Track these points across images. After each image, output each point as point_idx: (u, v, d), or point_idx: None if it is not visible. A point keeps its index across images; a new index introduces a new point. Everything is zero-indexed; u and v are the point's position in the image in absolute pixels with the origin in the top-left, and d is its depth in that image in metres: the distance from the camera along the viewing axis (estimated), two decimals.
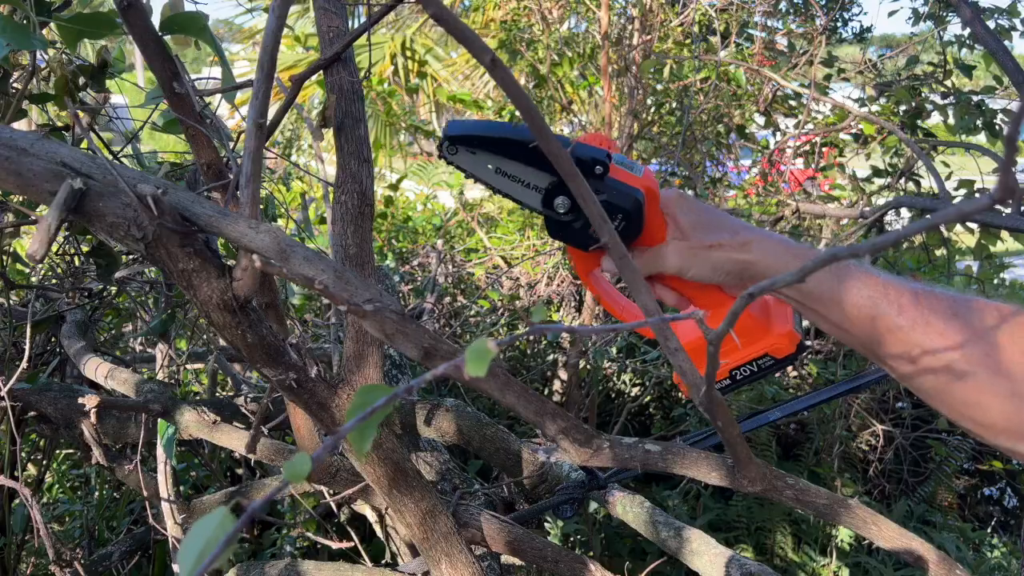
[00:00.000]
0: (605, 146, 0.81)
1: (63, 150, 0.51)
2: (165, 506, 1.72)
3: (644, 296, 0.65)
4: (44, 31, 1.07)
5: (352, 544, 1.81)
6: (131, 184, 0.51)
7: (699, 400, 0.68)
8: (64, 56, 1.13)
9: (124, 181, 0.50)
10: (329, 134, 0.93)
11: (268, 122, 0.78)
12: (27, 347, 1.47)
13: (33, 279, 1.90)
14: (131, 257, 1.55)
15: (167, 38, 0.84)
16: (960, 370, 0.63)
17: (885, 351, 0.67)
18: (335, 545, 1.63)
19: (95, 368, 1.72)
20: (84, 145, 1.12)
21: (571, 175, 0.59)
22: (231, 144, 1.05)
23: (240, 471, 2.91)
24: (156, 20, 0.90)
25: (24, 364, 1.47)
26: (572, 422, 0.71)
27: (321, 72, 0.95)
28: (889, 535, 1.08)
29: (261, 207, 0.65)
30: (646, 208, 0.79)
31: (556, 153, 0.58)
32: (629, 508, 1.45)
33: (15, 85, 1.42)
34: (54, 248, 2.06)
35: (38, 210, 1.52)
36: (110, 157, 1.36)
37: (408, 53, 6.64)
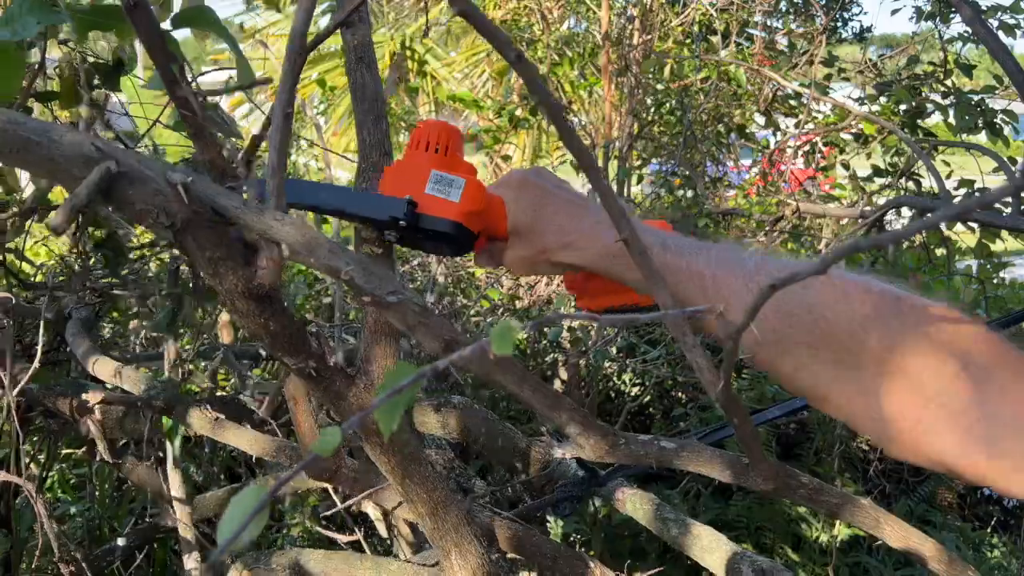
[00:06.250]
0: (426, 153, 0.80)
1: (91, 140, 0.51)
2: (175, 503, 1.73)
3: (661, 291, 0.65)
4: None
5: (355, 539, 1.80)
6: (161, 172, 0.51)
7: (715, 396, 0.68)
8: (78, 54, 1.13)
9: (154, 168, 0.50)
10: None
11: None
12: (40, 345, 1.47)
13: (39, 277, 1.91)
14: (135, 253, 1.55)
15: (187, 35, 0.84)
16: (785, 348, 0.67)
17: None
18: (343, 539, 1.63)
19: (100, 365, 1.72)
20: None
21: (590, 166, 0.59)
22: (236, 141, 1.05)
23: (240, 471, 2.91)
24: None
25: (36, 364, 1.47)
26: (588, 418, 0.71)
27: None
28: (900, 535, 1.08)
29: None
30: (474, 225, 0.78)
31: (574, 144, 0.58)
32: (639, 505, 1.45)
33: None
34: (59, 250, 2.05)
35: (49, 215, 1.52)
36: None
37: (408, 52, 6.64)
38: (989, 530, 3.62)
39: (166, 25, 0.93)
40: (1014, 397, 0.57)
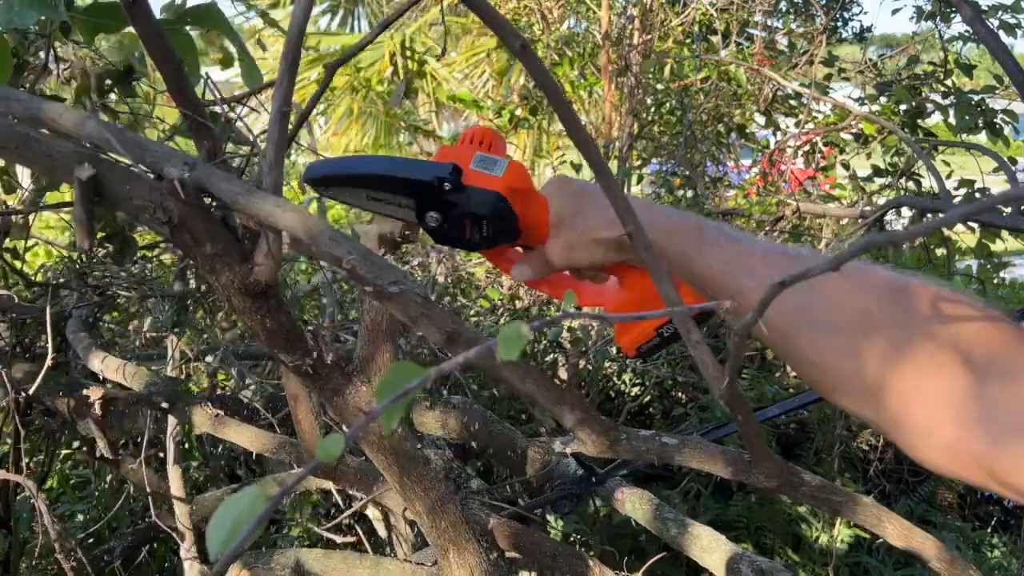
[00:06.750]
0: (471, 144, 0.81)
1: (88, 125, 0.51)
2: (175, 503, 1.72)
3: (667, 287, 0.65)
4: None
5: (354, 541, 1.80)
6: (158, 167, 0.51)
7: (719, 393, 0.68)
8: (92, 60, 1.12)
9: (151, 161, 0.49)
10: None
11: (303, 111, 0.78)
12: (48, 343, 1.47)
13: (39, 276, 1.91)
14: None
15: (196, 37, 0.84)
16: (798, 328, 0.66)
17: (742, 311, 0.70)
18: (339, 540, 1.63)
19: (101, 363, 1.72)
20: None
21: (599, 165, 0.59)
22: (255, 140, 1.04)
23: (240, 471, 2.90)
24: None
25: (49, 362, 1.47)
26: (590, 413, 0.71)
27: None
28: (902, 533, 1.08)
29: None
30: (516, 206, 0.78)
31: (584, 141, 0.58)
32: (639, 505, 1.45)
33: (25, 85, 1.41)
34: (59, 249, 2.05)
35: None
36: None
37: (408, 53, 6.64)
38: (989, 530, 3.61)
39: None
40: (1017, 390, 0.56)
